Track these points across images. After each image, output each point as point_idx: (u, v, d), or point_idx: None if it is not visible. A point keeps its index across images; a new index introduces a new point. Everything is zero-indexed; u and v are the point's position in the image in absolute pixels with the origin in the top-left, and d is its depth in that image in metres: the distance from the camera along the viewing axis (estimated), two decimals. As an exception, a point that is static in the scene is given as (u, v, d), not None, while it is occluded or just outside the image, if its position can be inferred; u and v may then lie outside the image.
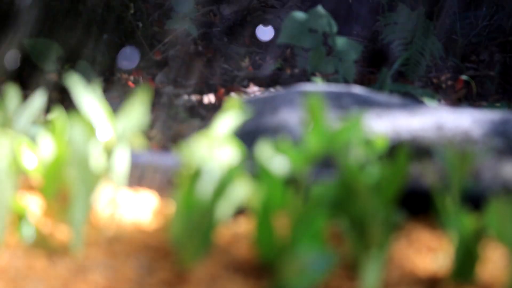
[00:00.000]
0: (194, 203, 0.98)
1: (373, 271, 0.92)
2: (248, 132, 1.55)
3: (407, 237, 1.08)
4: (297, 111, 1.58)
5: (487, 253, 1.04)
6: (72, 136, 1.02)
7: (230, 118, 1.20)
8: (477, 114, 1.50)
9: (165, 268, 1.00)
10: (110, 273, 0.98)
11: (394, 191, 0.99)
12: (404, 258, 1.04)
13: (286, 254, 0.97)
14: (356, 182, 0.99)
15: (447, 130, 1.42)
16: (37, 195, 1.19)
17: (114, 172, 1.11)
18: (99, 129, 1.09)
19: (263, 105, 1.60)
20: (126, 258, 1.03)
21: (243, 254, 1.05)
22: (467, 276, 0.99)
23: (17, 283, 0.95)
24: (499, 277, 0.99)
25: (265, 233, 0.99)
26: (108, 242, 1.07)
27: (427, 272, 1.02)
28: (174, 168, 1.22)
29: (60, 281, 0.95)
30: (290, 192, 1.00)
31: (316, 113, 0.96)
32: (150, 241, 1.07)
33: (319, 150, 0.97)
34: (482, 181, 1.34)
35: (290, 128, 1.52)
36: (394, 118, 1.51)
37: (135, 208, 1.18)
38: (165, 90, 2.70)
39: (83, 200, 1.02)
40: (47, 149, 1.12)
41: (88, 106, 1.10)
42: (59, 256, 1.02)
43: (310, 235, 0.96)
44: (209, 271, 1.00)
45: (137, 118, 1.06)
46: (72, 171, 1.02)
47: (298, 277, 0.93)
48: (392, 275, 1.00)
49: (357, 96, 1.66)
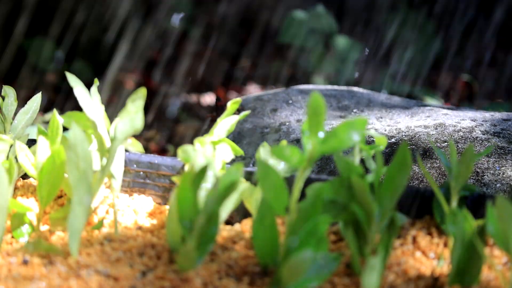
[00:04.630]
0: (196, 206, 0.98)
1: (373, 272, 0.91)
2: (247, 132, 1.54)
3: (407, 238, 1.07)
4: (297, 111, 1.57)
5: (488, 254, 1.03)
6: (70, 138, 1.02)
7: (230, 118, 1.20)
8: (478, 114, 1.50)
9: (163, 270, 0.99)
10: (107, 276, 0.98)
11: (395, 191, 0.99)
12: (404, 259, 1.04)
13: (287, 257, 0.96)
14: (356, 182, 0.99)
15: (447, 130, 1.41)
16: (35, 197, 1.19)
17: (111, 174, 1.11)
18: (96, 130, 1.08)
19: (263, 105, 1.60)
20: (123, 261, 1.03)
21: (242, 255, 1.04)
22: (467, 278, 0.98)
23: (15, 284, 0.95)
24: (499, 279, 0.99)
25: (265, 234, 0.98)
26: (105, 245, 1.06)
27: (427, 273, 1.01)
28: (173, 170, 1.21)
29: (57, 283, 0.95)
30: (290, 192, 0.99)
31: (316, 113, 0.95)
32: (148, 243, 1.07)
33: (319, 150, 0.96)
34: (483, 181, 1.33)
35: (290, 128, 1.51)
36: (395, 118, 1.50)
37: (133, 210, 1.18)
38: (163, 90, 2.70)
39: (81, 202, 1.01)
40: (43, 151, 1.11)
41: (86, 106, 1.09)
42: (57, 258, 1.01)
43: (315, 239, 0.96)
44: (208, 273, 1.00)
45: (135, 119, 1.05)
46: (70, 173, 1.01)
47: (298, 280, 0.93)
48: (392, 276, 1.00)
49: (357, 95, 1.65)
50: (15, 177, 1.07)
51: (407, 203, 1.10)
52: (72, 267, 1.00)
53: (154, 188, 1.21)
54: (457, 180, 1.04)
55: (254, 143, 1.51)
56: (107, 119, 1.10)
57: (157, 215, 1.17)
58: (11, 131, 1.20)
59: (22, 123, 1.21)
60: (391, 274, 1.00)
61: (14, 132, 1.20)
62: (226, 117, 1.19)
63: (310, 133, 0.96)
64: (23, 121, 1.21)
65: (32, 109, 1.21)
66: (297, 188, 0.98)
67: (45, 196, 1.10)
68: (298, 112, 1.57)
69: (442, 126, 1.43)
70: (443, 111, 1.52)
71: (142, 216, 1.17)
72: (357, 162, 1.10)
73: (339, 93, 1.66)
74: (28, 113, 1.21)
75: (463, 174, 1.04)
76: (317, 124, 0.96)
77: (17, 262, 1.01)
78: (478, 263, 0.98)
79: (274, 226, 0.98)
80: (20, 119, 1.21)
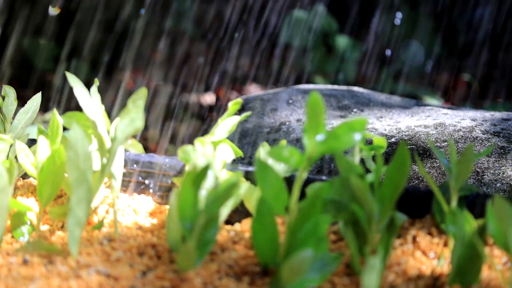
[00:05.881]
0: (196, 206, 0.98)
1: (373, 272, 0.91)
2: (248, 131, 1.54)
3: (407, 238, 1.07)
4: (297, 111, 1.57)
5: (488, 254, 1.03)
6: (70, 137, 1.02)
7: (231, 119, 1.20)
8: (478, 114, 1.49)
9: (163, 270, 0.99)
10: (107, 276, 0.98)
11: (395, 191, 0.99)
12: (404, 259, 1.04)
13: (287, 257, 0.96)
14: (356, 182, 0.98)
15: (447, 130, 1.41)
16: (35, 197, 1.19)
17: (112, 174, 1.11)
18: (97, 130, 1.08)
19: (263, 105, 1.60)
20: (123, 260, 1.03)
21: (242, 255, 1.04)
22: (468, 278, 0.98)
23: (15, 284, 0.95)
24: (499, 278, 0.98)
25: (265, 234, 0.98)
26: (105, 244, 1.06)
27: (427, 273, 1.01)
28: (174, 170, 1.21)
29: (57, 283, 0.95)
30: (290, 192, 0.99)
31: (316, 113, 0.95)
32: (148, 243, 1.07)
33: (318, 150, 0.96)
34: (483, 181, 1.33)
35: (290, 127, 1.51)
36: (395, 118, 1.50)
37: (133, 210, 1.18)
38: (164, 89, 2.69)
39: (81, 202, 1.01)
40: (43, 150, 1.11)
41: (86, 106, 1.09)
42: (57, 258, 1.01)
43: (315, 239, 0.96)
44: (208, 273, 0.99)
45: (135, 119, 1.05)
46: (70, 172, 1.01)
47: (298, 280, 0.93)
48: (392, 276, 1.00)
49: (357, 95, 1.65)
50: (15, 177, 1.07)
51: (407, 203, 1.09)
52: (72, 267, 1.00)
53: (154, 188, 1.21)
54: (457, 179, 1.04)
55: (254, 143, 1.51)
56: (107, 119, 1.10)
57: (157, 215, 1.17)
58: (11, 131, 1.20)
59: (22, 122, 1.21)
60: (391, 274, 1.00)
61: (14, 132, 1.20)
62: (227, 118, 1.19)
63: (310, 133, 0.96)
64: (23, 121, 1.21)
65: (32, 109, 1.21)
66: (297, 187, 0.98)
67: (45, 196, 1.10)
68: (298, 112, 1.57)
69: (442, 125, 1.42)
70: (443, 110, 1.52)
71: (142, 216, 1.17)
72: (357, 162, 1.10)
73: (339, 93, 1.66)
74: (28, 113, 1.21)
75: (462, 173, 1.04)
76: (317, 124, 0.96)
77: (17, 262, 1.01)
78: (478, 262, 0.98)
79: (274, 226, 0.98)
80: (20, 119, 1.21)
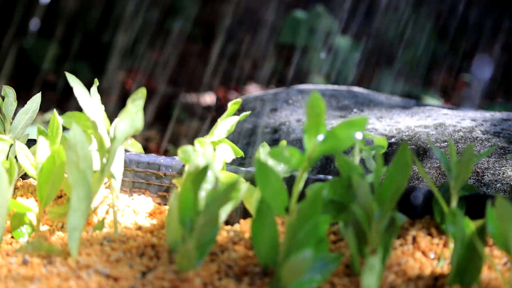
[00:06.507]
0: (196, 206, 0.98)
1: (373, 272, 0.91)
2: (247, 131, 1.54)
3: (407, 238, 1.07)
4: (297, 111, 1.57)
5: (488, 254, 1.03)
6: (70, 138, 1.02)
7: (230, 119, 1.20)
8: (478, 114, 1.49)
9: (163, 271, 0.99)
10: (107, 276, 0.98)
11: (396, 191, 0.99)
12: (404, 259, 1.04)
13: (287, 257, 0.96)
14: (356, 182, 0.98)
15: (447, 130, 1.41)
16: (35, 197, 1.19)
17: (111, 174, 1.11)
18: (97, 130, 1.08)
19: (263, 105, 1.60)
20: (123, 261, 1.02)
21: (242, 255, 1.04)
22: (467, 278, 0.98)
23: (15, 284, 0.95)
24: (499, 279, 0.98)
25: (265, 234, 0.98)
26: (105, 245, 1.06)
27: (427, 273, 1.01)
28: (173, 170, 1.21)
29: (57, 283, 0.95)
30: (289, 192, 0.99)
31: (316, 113, 0.95)
32: (148, 243, 1.07)
33: (318, 150, 0.96)
34: (483, 181, 1.33)
35: (290, 127, 1.51)
36: (395, 118, 1.50)
37: (132, 210, 1.18)
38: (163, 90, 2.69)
39: (81, 202, 1.01)
40: (43, 150, 1.11)
41: (86, 106, 1.09)
42: (57, 258, 1.01)
43: (315, 239, 0.96)
44: (208, 273, 0.99)
45: (135, 119, 1.05)
46: (70, 173, 1.01)
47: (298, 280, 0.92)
48: (392, 276, 1.00)
49: (357, 95, 1.65)
50: (15, 177, 1.07)
51: (407, 203, 1.09)
52: (72, 267, 0.99)
53: (154, 189, 1.21)
54: (457, 180, 1.04)
55: (254, 143, 1.51)
56: (107, 119, 1.10)
57: (157, 215, 1.17)
58: (11, 131, 1.20)
59: (22, 123, 1.21)
60: (391, 274, 1.00)
61: (14, 132, 1.20)
62: (227, 118, 1.19)
63: (310, 133, 0.96)
64: (23, 121, 1.21)
65: (32, 109, 1.21)
66: (297, 188, 0.98)
67: (45, 196, 1.10)
68: (298, 112, 1.57)
69: (442, 126, 1.42)
70: (443, 111, 1.52)
71: (142, 216, 1.17)
72: (357, 162, 1.10)
73: (339, 93, 1.66)
74: (28, 113, 1.21)
75: (462, 174, 1.04)
76: (317, 124, 0.95)
77: (17, 262, 1.01)
78: (478, 263, 0.98)
79: (273, 226, 0.98)
80: (20, 119, 1.21)
